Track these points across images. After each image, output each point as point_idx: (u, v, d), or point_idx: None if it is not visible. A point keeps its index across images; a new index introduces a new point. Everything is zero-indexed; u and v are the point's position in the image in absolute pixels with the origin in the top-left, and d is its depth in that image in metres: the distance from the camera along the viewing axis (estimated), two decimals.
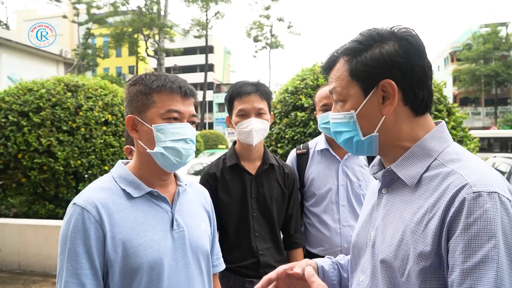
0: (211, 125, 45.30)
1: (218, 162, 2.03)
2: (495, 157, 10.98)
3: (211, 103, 47.12)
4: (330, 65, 1.03)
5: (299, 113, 3.54)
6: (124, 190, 1.21)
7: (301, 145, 2.33)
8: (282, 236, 2.07)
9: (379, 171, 1.05)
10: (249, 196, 1.94)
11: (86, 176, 5.98)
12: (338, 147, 2.16)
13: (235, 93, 1.93)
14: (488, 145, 21.19)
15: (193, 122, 1.28)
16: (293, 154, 2.30)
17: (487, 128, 31.01)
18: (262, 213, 1.95)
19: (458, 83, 38.00)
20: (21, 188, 5.82)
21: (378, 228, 1.00)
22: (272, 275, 1.05)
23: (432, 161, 0.93)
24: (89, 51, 32.77)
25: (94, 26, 33.20)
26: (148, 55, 30.80)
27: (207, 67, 35.89)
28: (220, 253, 1.56)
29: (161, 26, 29.01)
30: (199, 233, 1.33)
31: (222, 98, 44.82)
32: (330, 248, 2.08)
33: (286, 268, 1.06)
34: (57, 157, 5.55)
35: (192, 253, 1.28)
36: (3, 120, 5.59)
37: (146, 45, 30.39)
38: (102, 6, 30.50)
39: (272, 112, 2.03)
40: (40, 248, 4.92)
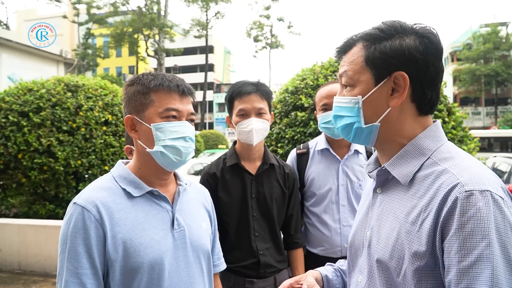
0: (211, 125, 45.29)
1: (218, 162, 2.03)
2: (495, 157, 10.99)
3: (211, 103, 47.11)
4: (346, 48, 1.02)
5: (299, 113, 3.54)
6: (124, 190, 1.21)
7: (301, 145, 2.33)
8: (282, 236, 2.07)
9: (374, 170, 1.05)
10: (249, 196, 1.94)
11: (86, 176, 5.98)
12: (338, 147, 2.16)
13: (235, 93, 1.93)
14: (489, 145, 21.19)
15: (192, 120, 1.28)
16: (293, 154, 2.30)
17: (487, 128, 31.00)
18: (262, 213, 1.95)
19: (458, 83, 38.00)
20: (21, 188, 5.82)
21: (373, 228, 1.00)
22: None
23: (426, 160, 0.93)
24: (89, 51, 32.78)
25: (94, 26, 33.19)
26: (148, 55, 30.81)
27: (207, 67, 35.89)
28: (221, 253, 1.56)
29: (161, 26, 29.02)
30: (199, 233, 1.33)
31: (222, 98, 44.81)
32: (330, 248, 2.08)
33: (292, 283, 1.07)
34: (57, 157, 5.55)
35: (193, 252, 1.28)
36: (3, 120, 5.60)
37: (146, 45, 30.40)
38: (102, 6, 30.51)
39: (272, 112, 2.03)
40: (40, 248, 4.92)
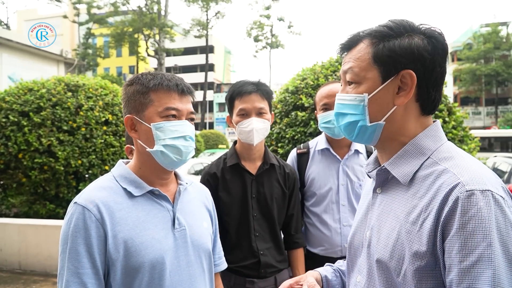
0: (211, 125, 45.29)
1: (218, 162, 2.02)
2: (495, 156, 11.00)
3: (211, 103, 47.11)
4: (351, 45, 1.00)
5: (299, 113, 3.54)
6: (125, 189, 1.21)
7: (302, 144, 2.33)
8: (282, 236, 2.07)
9: (374, 169, 1.04)
10: (249, 196, 1.94)
11: (86, 176, 5.98)
12: (338, 146, 2.16)
13: (236, 93, 1.93)
14: (489, 145, 21.18)
15: (192, 120, 1.28)
16: (293, 153, 2.29)
17: (488, 127, 30.99)
18: (262, 213, 1.95)
19: (459, 83, 37.98)
20: (21, 188, 5.83)
21: (373, 228, 0.99)
22: None
23: (426, 160, 0.93)
24: (90, 51, 32.78)
25: (94, 26, 33.18)
26: (149, 55, 30.79)
27: (208, 67, 35.88)
28: (222, 252, 1.56)
29: (162, 26, 29.01)
30: (200, 232, 1.33)
31: (222, 98, 44.80)
32: (331, 248, 2.08)
33: (292, 283, 1.06)
34: (57, 157, 5.56)
35: (194, 251, 1.28)
36: (3, 120, 5.60)
37: (147, 45, 30.39)
38: (102, 6, 30.50)
39: (272, 111, 2.02)
40: (41, 248, 4.92)
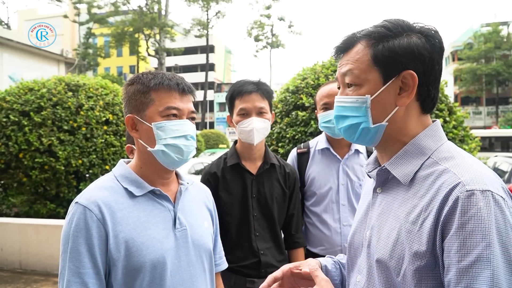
0: (212, 125, 45.29)
1: (219, 162, 2.02)
2: (496, 156, 10.99)
3: (212, 102, 47.11)
4: (347, 46, 0.99)
5: (300, 113, 3.54)
6: (126, 189, 1.21)
7: (302, 144, 2.33)
8: (283, 236, 2.07)
9: (374, 169, 1.04)
10: (250, 196, 1.94)
11: (87, 175, 5.99)
12: (338, 146, 2.16)
13: (236, 92, 1.92)
14: (489, 145, 21.15)
15: (193, 119, 1.28)
16: (293, 153, 2.29)
17: (488, 127, 30.99)
18: (262, 213, 1.95)
19: (459, 83, 37.96)
20: (22, 187, 5.83)
21: (373, 227, 0.99)
22: (278, 273, 1.04)
23: (426, 159, 0.93)
24: (90, 50, 32.76)
25: (95, 25, 33.16)
26: (149, 54, 30.80)
27: (208, 67, 35.87)
28: (223, 252, 1.56)
29: (162, 26, 29.02)
30: (201, 232, 1.33)
31: (223, 97, 44.78)
32: (331, 248, 2.08)
33: (292, 267, 1.05)
34: (58, 156, 5.56)
35: (195, 251, 1.28)
36: (4, 119, 5.60)
37: (147, 44, 30.39)
38: (103, 6, 30.50)
39: (273, 111, 2.02)
40: (41, 248, 4.92)
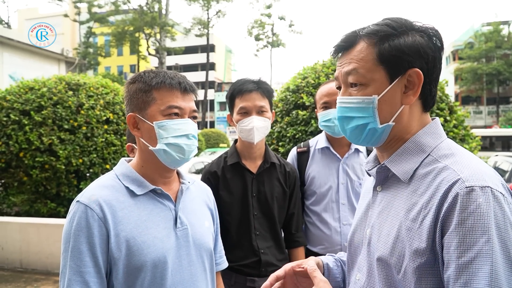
0: (212, 124, 45.29)
1: (219, 161, 2.02)
2: (497, 156, 10.99)
3: (212, 102, 47.11)
4: (349, 45, 0.97)
5: (300, 112, 3.54)
6: (127, 188, 1.21)
7: (302, 143, 2.33)
8: (283, 235, 2.07)
9: (374, 167, 1.04)
10: (250, 195, 1.94)
11: (87, 174, 5.99)
12: (338, 145, 2.16)
13: (236, 91, 1.92)
14: (490, 144, 21.13)
15: (194, 118, 1.28)
16: (293, 152, 2.29)
17: (489, 126, 30.97)
18: (263, 212, 1.95)
19: (460, 82, 37.91)
20: (22, 186, 5.84)
21: (373, 226, 0.99)
22: (280, 272, 1.04)
23: (426, 157, 0.93)
24: (91, 50, 32.74)
25: (95, 25, 33.14)
26: (150, 54, 30.76)
27: (209, 66, 35.86)
28: (223, 251, 1.56)
29: (163, 25, 28.99)
30: (202, 231, 1.33)
31: (223, 97, 44.77)
32: (330, 247, 2.08)
33: (294, 266, 1.05)
34: (58, 155, 5.57)
35: (195, 251, 1.28)
36: (4, 119, 5.60)
37: (148, 44, 30.36)
38: (103, 5, 30.45)
39: (273, 110, 2.02)
40: (42, 247, 4.93)
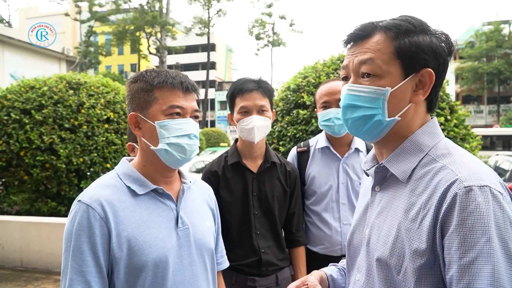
0: (213, 123, 45.26)
1: (219, 160, 2.02)
2: (497, 155, 10.99)
3: (213, 101, 47.11)
4: (365, 35, 0.96)
5: (301, 111, 3.54)
6: (129, 188, 1.21)
7: (302, 143, 2.32)
8: (284, 234, 2.07)
9: (372, 167, 1.04)
10: (250, 194, 1.94)
11: (88, 173, 5.99)
12: (339, 145, 2.15)
13: (237, 90, 1.92)
14: (491, 143, 21.12)
15: (196, 117, 1.28)
16: (293, 152, 2.29)
17: (490, 126, 30.93)
18: (263, 212, 1.95)
19: (461, 81, 37.86)
20: (23, 185, 5.85)
21: (372, 226, 0.99)
22: None
23: (424, 156, 0.93)
24: (91, 49, 32.76)
25: (96, 24, 33.17)
26: (150, 53, 30.76)
27: (209, 65, 35.85)
28: (224, 251, 1.56)
29: (163, 24, 28.98)
30: (203, 231, 1.33)
31: (224, 96, 44.71)
32: (331, 247, 2.08)
33: (298, 284, 1.06)
34: (59, 154, 5.57)
35: (196, 250, 1.28)
36: (5, 117, 5.61)
37: (148, 43, 30.35)
38: (104, 4, 30.45)
39: (274, 109, 2.02)
40: (42, 246, 4.93)
